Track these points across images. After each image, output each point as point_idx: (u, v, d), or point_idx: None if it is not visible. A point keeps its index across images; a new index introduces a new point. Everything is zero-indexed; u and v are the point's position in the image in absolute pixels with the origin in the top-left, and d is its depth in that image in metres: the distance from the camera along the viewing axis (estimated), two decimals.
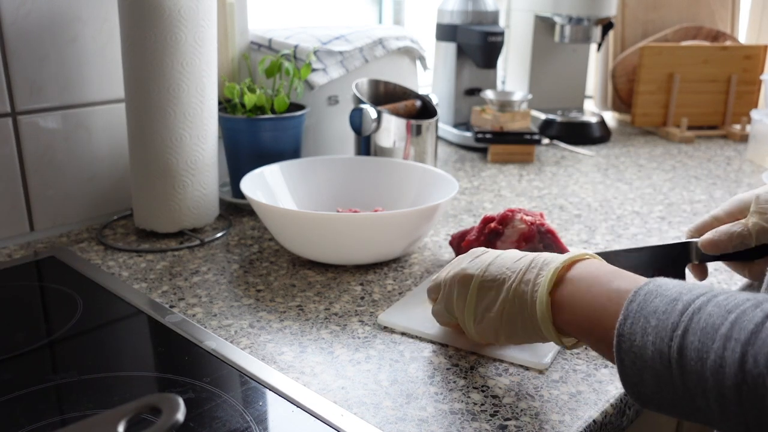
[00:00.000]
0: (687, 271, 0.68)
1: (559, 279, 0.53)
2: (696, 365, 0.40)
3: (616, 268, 0.52)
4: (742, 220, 0.63)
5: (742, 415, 0.38)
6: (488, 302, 0.57)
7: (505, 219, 0.78)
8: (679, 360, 0.41)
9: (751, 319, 0.39)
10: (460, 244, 0.82)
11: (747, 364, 0.37)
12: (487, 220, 0.79)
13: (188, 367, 0.61)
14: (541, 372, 0.61)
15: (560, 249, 0.77)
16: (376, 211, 0.87)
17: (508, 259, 0.58)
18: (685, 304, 0.43)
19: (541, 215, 0.78)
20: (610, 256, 0.67)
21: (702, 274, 0.68)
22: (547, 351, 0.63)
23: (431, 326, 0.67)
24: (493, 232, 0.78)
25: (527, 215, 0.77)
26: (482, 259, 0.60)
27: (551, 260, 0.55)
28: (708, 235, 0.64)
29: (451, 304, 0.61)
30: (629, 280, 0.49)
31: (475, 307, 0.58)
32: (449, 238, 0.87)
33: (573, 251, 0.55)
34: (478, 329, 0.59)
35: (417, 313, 0.70)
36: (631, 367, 0.44)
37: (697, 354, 0.40)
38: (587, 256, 0.55)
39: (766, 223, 0.61)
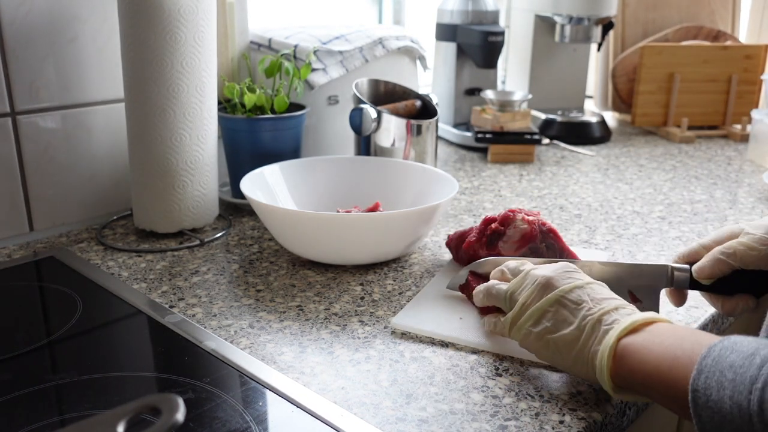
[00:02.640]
0: (662, 295, 0.68)
1: (634, 329, 0.52)
2: None
3: (692, 329, 0.52)
4: (730, 242, 0.63)
5: None
6: (556, 320, 0.56)
7: (507, 219, 0.77)
8: (760, 413, 0.41)
9: None
10: (459, 245, 0.81)
11: None
12: (488, 221, 0.79)
13: (188, 367, 0.61)
14: (541, 372, 0.61)
15: (562, 248, 0.77)
16: (376, 204, 0.86)
17: (597, 293, 0.57)
18: (763, 358, 0.42)
19: (538, 215, 0.78)
20: (585, 266, 0.67)
21: (679, 300, 0.68)
22: None
23: (447, 327, 0.67)
24: (494, 233, 0.77)
25: (528, 215, 0.77)
26: (573, 277, 0.58)
27: (633, 313, 0.54)
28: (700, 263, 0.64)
29: (517, 295, 0.60)
30: (703, 338, 0.48)
31: (540, 315, 0.57)
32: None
33: (650, 314, 0.54)
34: (528, 336, 0.58)
35: (429, 314, 0.70)
36: (709, 423, 0.44)
37: None
38: (663, 320, 0.54)
39: (751, 249, 0.61)
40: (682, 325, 0.53)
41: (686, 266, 0.65)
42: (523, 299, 0.59)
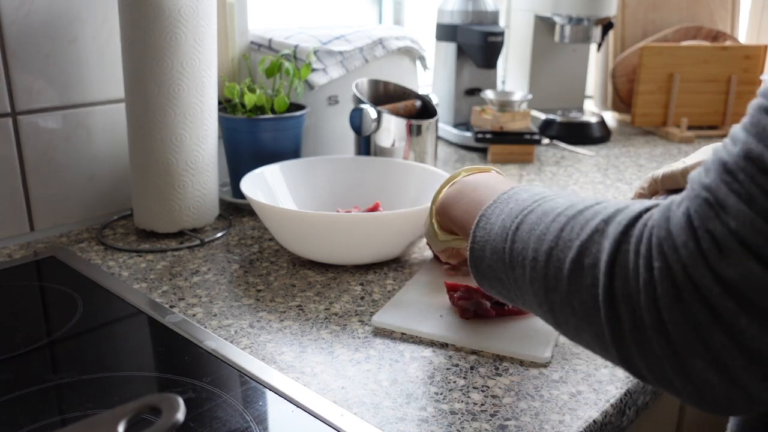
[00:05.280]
0: None
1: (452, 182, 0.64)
2: (525, 235, 0.46)
3: (498, 178, 0.61)
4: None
5: (545, 278, 0.43)
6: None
7: None
8: (515, 232, 0.47)
9: (589, 206, 0.44)
10: None
11: (563, 232, 0.43)
12: None
13: (188, 367, 0.61)
14: (540, 372, 0.61)
15: None
16: (376, 204, 0.87)
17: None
18: (535, 199, 0.48)
19: None
20: None
21: None
22: (546, 346, 0.63)
23: (426, 324, 0.67)
24: None
25: None
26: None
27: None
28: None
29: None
30: (499, 187, 0.56)
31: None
32: None
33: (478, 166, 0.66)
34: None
35: (410, 312, 0.70)
36: (480, 243, 0.51)
37: (529, 227, 0.46)
38: (488, 170, 0.64)
39: (673, 175, 0.66)
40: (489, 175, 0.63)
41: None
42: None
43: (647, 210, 0.39)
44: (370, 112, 0.98)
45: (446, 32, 1.44)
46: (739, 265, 0.32)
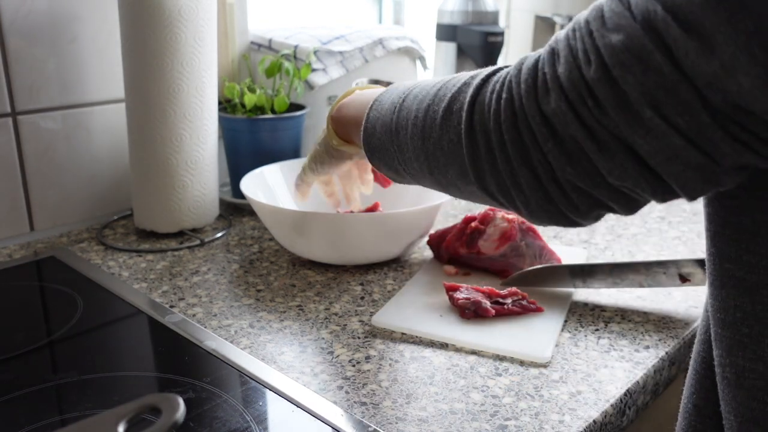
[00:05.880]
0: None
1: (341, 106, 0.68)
2: (408, 103, 0.54)
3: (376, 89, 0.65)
4: None
5: (423, 129, 0.51)
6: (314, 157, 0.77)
7: (487, 218, 0.79)
8: (401, 104, 0.54)
9: (464, 77, 0.50)
10: (440, 244, 0.82)
11: (440, 91, 0.51)
12: (468, 220, 0.80)
13: (188, 367, 0.61)
14: (540, 372, 0.61)
15: (542, 246, 0.78)
16: (376, 204, 0.87)
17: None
18: (443, 85, 0.52)
19: None
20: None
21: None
22: (545, 345, 0.63)
23: (426, 324, 0.67)
24: (474, 232, 0.78)
25: (508, 213, 0.78)
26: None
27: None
28: None
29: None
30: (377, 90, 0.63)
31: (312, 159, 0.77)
32: None
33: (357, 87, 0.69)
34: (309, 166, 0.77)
35: (409, 312, 0.70)
36: (371, 122, 0.58)
37: (413, 96, 0.54)
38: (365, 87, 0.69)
39: None
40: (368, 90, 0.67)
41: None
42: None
43: (513, 65, 0.47)
44: None
45: (446, 32, 1.44)
46: (553, 103, 0.41)
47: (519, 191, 0.46)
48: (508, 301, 0.69)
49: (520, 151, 0.44)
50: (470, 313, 0.68)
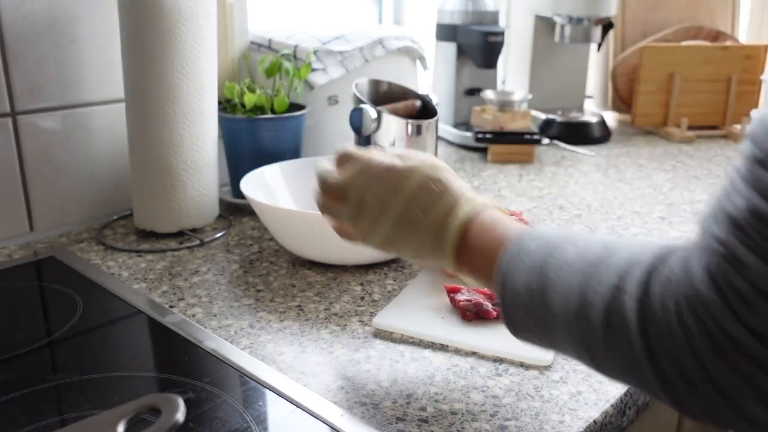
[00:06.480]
0: None
1: (464, 231, 0.54)
2: (551, 298, 0.45)
3: (505, 218, 0.54)
4: None
5: (581, 340, 0.43)
6: (401, 238, 0.56)
7: None
8: (542, 294, 0.46)
9: (601, 259, 0.43)
10: None
11: (586, 292, 0.43)
12: None
13: (188, 367, 0.61)
14: (541, 372, 0.61)
15: None
16: None
17: (424, 200, 0.55)
18: (553, 246, 0.47)
19: (520, 214, 0.79)
20: None
21: None
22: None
23: (427, 326, 0.67)
24: None
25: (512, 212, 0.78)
26: (400, 187, 0.56)
27: (457, 209, 0.54)
28: None
29: (354, 220, 0.58)
30: (513, 229, 0.52)
31: (387, 237, 0.56)
32: None
33: (473, 201, 0.55)
34: (381, 242, 0.57)
35: (411, 313, 0.70)
36: (509, 303, 0.49)
37: (555, 293, 0.45)
38: (486, 207, 0.55)
39: None
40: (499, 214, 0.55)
41: None
42: (364, 227, 0.57)
43: (659, 259, 0.40)
44: (370, 112, 0.98)
45: (446, 32, 1.44)
46: (763, 317, 0.34)
47: (743, 420, 0.37)
48: None
49: (739, 384, 0.36)
50: (471, 314, 0.68)
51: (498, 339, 0.65)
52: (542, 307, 0.46)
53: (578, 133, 1.48)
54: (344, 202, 0.58)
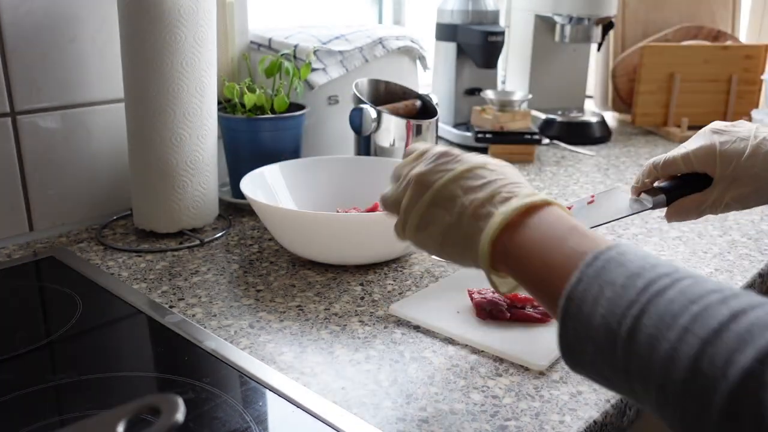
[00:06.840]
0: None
1: (513, 223, 0.48)
2: (645, 351, 0.38)
3: (577, 222, 0.48)
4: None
5: (682, 410, 0.36)
6: (435, 222, 0.53)
7: None
8: (628, 341, 0.39)
9: (714, 316, 0.36)
10: None
11: (702, 361, 0.35)
12: None
13: (188, 367, 0.61)
14: (541, 372, 0.61)
15: None
16: (375, 204, 0.86)
17: (471, 181, 0.52)
18: (646, 282, 0.40)
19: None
20: None
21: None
22: (548, 353, 0.63)
23: (439, 318, 0.68)
24: None
25: None
26: (447, 168, 0.53)
27: (510, 197, 0.50)
28: None
29: (398, 199, 0.56)
30: (589, 240, 0.45)
31: (420, 220, 0.54)
32: None
33: (536, 195, 0.50)
34: (419, 240, 0.55)
35: (427, 305, 0.71)
36: (573, 334, 0.42)
37: (648, 340, 0.38)
38: (549, 203, 0.49)
39: (674, 161, 0.70)
40: (558, 212, 0.49)
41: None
42: (404, 204, 0.55)
43: None
44: (370, 111, 0.98)
45: (446, 32, 1.44)
46: None
47: None
48: (530, 308, 0.69)
49: None
50: (485, 313, 0.68)
51: (501, 339, 0.65)
52: (626, 356, 0.39)
53: (578, 133, 1.48)
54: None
